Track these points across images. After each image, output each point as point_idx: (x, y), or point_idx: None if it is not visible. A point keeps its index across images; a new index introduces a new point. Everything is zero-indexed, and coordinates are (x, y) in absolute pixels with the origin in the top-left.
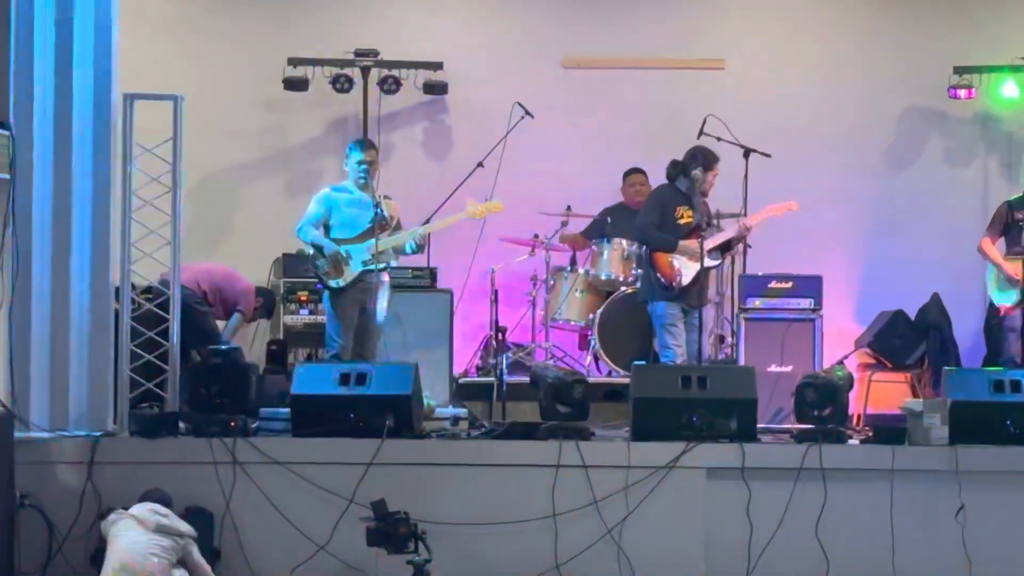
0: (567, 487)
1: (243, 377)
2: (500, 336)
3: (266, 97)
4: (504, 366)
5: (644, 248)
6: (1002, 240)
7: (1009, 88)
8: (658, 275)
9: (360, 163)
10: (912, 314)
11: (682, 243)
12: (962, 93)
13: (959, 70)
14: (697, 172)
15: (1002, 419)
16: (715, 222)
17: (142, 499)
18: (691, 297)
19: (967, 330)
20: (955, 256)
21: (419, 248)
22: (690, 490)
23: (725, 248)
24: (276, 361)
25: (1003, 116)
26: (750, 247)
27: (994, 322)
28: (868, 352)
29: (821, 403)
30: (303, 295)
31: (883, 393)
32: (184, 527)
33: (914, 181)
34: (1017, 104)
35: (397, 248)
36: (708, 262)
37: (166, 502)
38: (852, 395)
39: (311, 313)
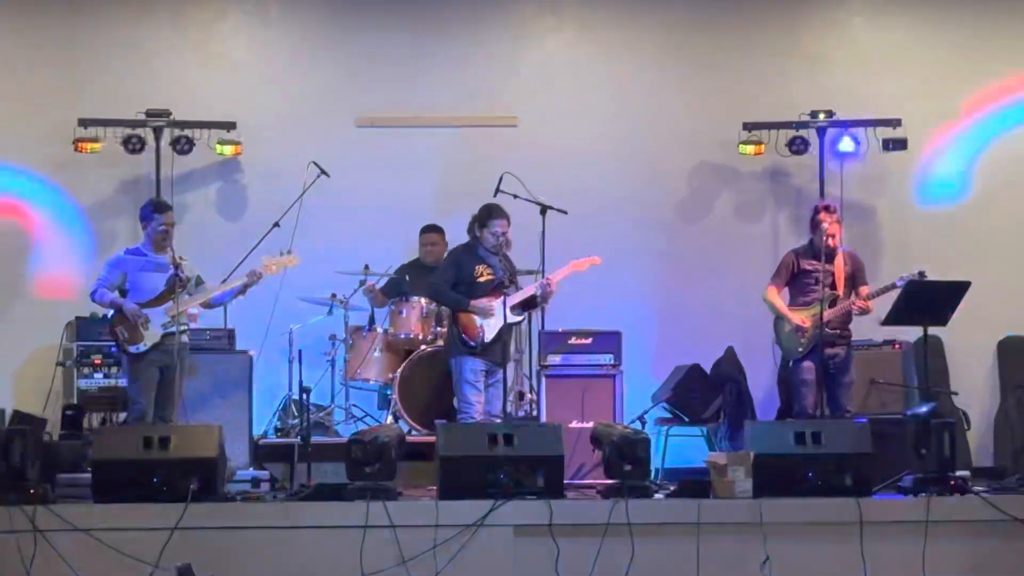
0: (375, 547)
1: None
2: (305, 396)
3: (57, 158)
4: (308, 426)
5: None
6: (786, 289)
7: (846, 143)
8: (461, 332)
9: (159, 226)
10: (707, 368)
11: (478, 302)
12: (751, 149)
13: (748, 126)
14: (476, 229)
15: (804, 471)
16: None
17: None
18: (495, 354)
19: (761, 382)
20: (748, 309)
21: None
22: (498, 548)
23: (529, 305)
24: (72, 426)
25: (792, 171)
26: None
27: (786, 375)
28: (665, 407)
29: (627, 458)
30: (97, 359)
31: (680, 447)
32: None
33: (706, 235)
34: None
35: (207, 304)
36: (511, 319)
37: None
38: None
39: (106, 377)
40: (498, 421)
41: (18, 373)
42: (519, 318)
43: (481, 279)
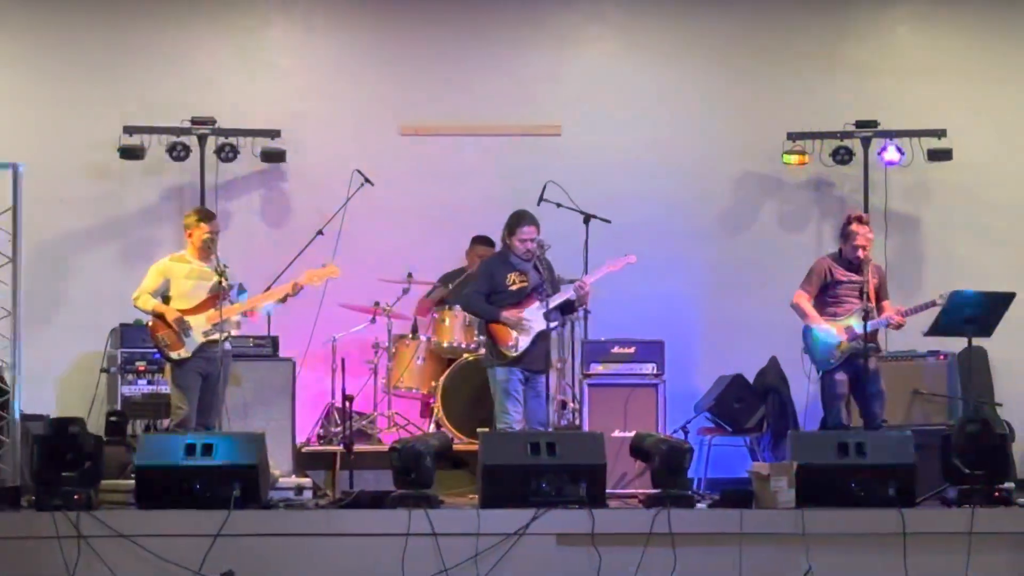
0: (417, 555)
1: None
2: (348, 404)
3: (101, 165)
4: (351, 434)
5: None
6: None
7: (890, 153)
8: (495, 343)
9: (204, 233)
10: (751, 378)
11: (509, 312)
12: (795, 159)
13: (792, 136)
14: (506, 237)
15: (847, 481)
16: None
17: None
18: (533, 361)
19: (804, 393)
20: (791, 319)
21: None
22: (540, 556)
23: (567, 310)
24: (116, 432)
25: (836, 181)
26: (589, 312)
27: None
28: (708, 416)
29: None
30: (141, 365)
31: (723, 457)
32: None
33: (750, 245)
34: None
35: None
36: (547, 324)
37: None
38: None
39: (149, 383)
40: (540, 430)
41: (62, 380)
42: (554, 323)
43: (514, 287)
